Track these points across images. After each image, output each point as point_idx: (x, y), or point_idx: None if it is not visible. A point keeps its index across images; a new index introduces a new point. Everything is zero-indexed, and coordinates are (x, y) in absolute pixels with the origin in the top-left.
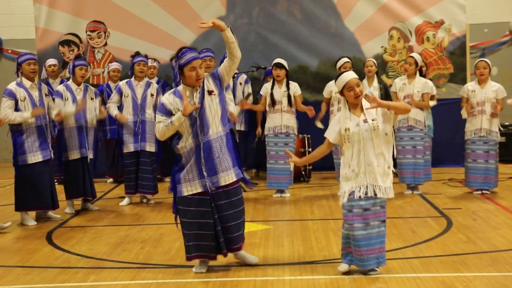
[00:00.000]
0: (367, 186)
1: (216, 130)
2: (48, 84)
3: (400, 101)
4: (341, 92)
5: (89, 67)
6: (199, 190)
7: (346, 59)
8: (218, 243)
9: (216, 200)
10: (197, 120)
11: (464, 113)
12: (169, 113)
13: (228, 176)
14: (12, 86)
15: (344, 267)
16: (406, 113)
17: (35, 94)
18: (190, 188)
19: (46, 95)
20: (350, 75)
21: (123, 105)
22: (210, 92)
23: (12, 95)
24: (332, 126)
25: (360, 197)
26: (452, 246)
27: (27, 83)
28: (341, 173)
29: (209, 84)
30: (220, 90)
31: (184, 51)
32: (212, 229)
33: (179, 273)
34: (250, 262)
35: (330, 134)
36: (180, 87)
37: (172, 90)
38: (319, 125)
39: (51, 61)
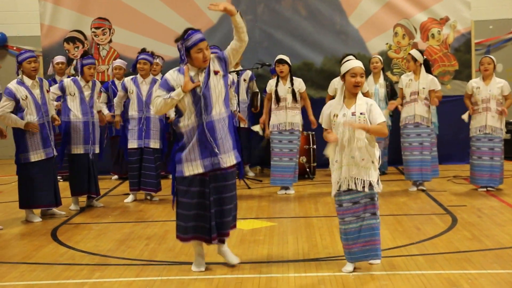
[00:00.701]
0: (352, 179)
1: (219, 110)
2: (54, 80)
3: (405, 97)
4: (343, 77)
5: (96, 64)
6: (200, 170)
7: (351, 57)
8: (210, 226)
9: (214, 181)
10: (201, 99)
11: (465, 117)
12: (170, 89)
13: (229, 158)
14: (12, 85)
15: (347, 267)
16: (382, 136)
17: (37, 92)
18: (192, 168)
19: (47, 91)
20: (357, 63)
21: (129, 100)
22: (215, 72)
23: (11, 95)
24: (324, 111)
25: (346, 190)
26: (457, 243)
27: (28, 81)
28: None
29: (215, 65)
30: (225, 72)
31: (190, 33)
32: (208, 211)
33: (183, 270)
34: (230, 261)
35: (322, 120)
36: (185, 66)
37: (177, 67)
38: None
39: (59, 58)
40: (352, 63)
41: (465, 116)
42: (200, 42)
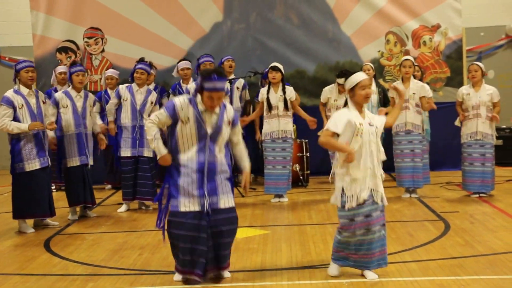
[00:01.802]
0: (372, 190)
1: (221, 153)
2: (55, 90)
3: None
4: (351, 90)
5: (86, 72)
6: (197, 208)
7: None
8: (206, 259)
9: (213, 214)
10: (208, 138)
11: (458, 123)
12: (174, 116)
13: (228, 199)
14: (9, 93)
15: (334, 271)
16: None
17: (33, 101)
18: (188, 204)
19: (43, 102)
20: (364, 75)
21: (121, 108)
22: (229, 122)
23: (10, 103)
24: (339, 117)
25: (360, 203)
26: (450, 249)
27: (24, 90)
28: (346, 173)
29: (228, 114)
30: (231, 127)
31: (213, 77)
32: (206, 245)
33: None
34: (222, 274)
35: (336, 126)
36: (198, 99)
37: (189, 96)
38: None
39: (62, 69)
40: (360, 76)
41: (457, 122)
42: (214, 91)
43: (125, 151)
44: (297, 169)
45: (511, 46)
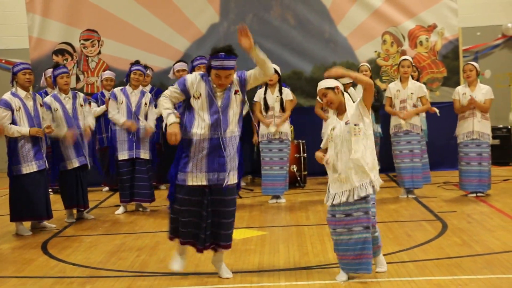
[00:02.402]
0: (348, 191)
1: (232, 129)
2: (46, 93)
3: (395, 106)
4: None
5: (69, 73)
6: (204, 183)
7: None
8: (205, 235)
9: (213, 194)
10: (220, 114)
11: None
12: (185, 90)
13: (234, 176)
14: (7, 96)
15: (341, 277)
16: (369, 87)
17: (30, 104)
18: (196, 179)
19: (40, 105)
20: (321, 84)
21: (118, 111)
22: (235, 92)
23: (8, 105)
24: (324, 132)
25: (341, 202)
26: (447, 249)
27: (22, 93)
28: (328, 176)
29: (236, 84)
30: (243, 95)
31: (221, 56)
32: (204, 221)
33: (174, 281)
34: (221, 274)
35: (323, 143)
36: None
37: (202, 73)
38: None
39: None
40: (319, 86)
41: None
42: (221, 70)
43: (122, 154)
44: (294, 170)
45: (508, 46)
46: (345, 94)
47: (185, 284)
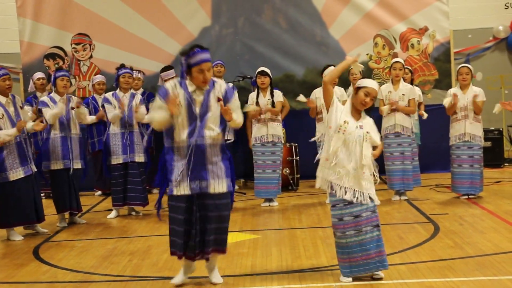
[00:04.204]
0: (356, 191)
1: (213, 134)
2: (35, 97)
3: (386, 107)
4: (357, 90)
5: (70, 78)
6: (187, 192)
7: (331, 67)
8: (194, 242)
9: (201, 198)
10: (197, 119)
11: (497, 110)
12: (166, 96)
13: (219, 184)
14: None
15: (344, 279)
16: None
17: (11, 109)
18: (180, 188)
19: (21, 108)
20: (375, 85)
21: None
22: (218, 99)
23: None
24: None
25: (347, 204)
26: (439, 251)
27: (2, 99)
28: (332, 170)
29: (221, 92)
30: (225, 104)
31: (196, 51)
32: (194, 228)
33: (167, 285)
34: (212, 278)
35: (334, 100)
36: (187, 81)
37: (178, 80)
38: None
39: (39, 74)
40: (370, 83)
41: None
42: (203, 63)
43: (116, 159)
44: (287, 173)
45: (499, 48)
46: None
47: None
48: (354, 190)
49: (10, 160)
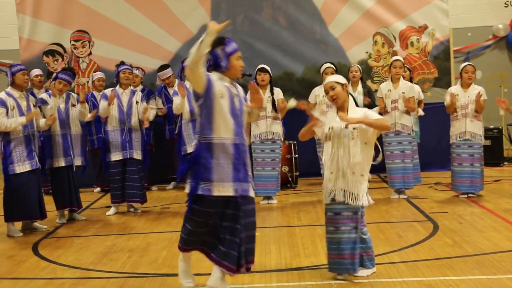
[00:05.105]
0: (341, 190)
1: (245, 137)
2: (32, 94)
3: (387, 107)
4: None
5: (72, 81)
6: (231, 193)
7: (328, 64)
8: (239, 253)
9: (245, 204)
10: (238, 115)
11: (502, 111)
12: (209, 83)
13: (253, 188)
14: (2, 95)
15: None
16: (385, 130)
17: (24, 104)
18: (222, 188)
19: (34, 106)
20: (329, 78)
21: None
22: (245, 99)
23: (3, 104)
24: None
25: (333, 200)
26: (439, 250)
27: (16, 93)
28: (324, 174)
29: (241, 92)
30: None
31: (229, 40)
32: (236, 236)
33: (166, 282)
34: (210, 281)
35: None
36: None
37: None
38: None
39: (37, 71)
40: (326, 80)
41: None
42: (239, 51)
43: (115, 155)
44: (286, 170)
45: (499, 47)
46: (350, 96)
47: (176, 286)
48: (340, 189)
49: (18, 153)
